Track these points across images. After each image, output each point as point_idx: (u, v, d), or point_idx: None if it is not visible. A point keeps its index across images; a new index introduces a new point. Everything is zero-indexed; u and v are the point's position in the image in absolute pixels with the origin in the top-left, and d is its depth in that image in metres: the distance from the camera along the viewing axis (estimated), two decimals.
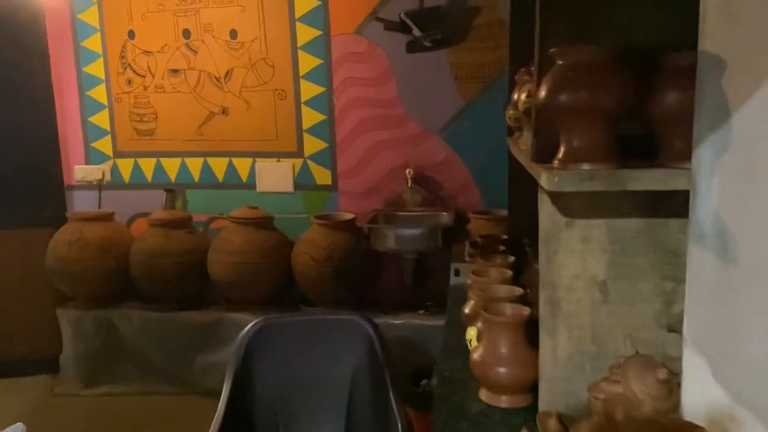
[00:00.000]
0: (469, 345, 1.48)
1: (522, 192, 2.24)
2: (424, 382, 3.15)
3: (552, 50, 1.05)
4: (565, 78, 1.01)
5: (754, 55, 0.74)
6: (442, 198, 3.53)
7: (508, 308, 1.37)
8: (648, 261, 1.14)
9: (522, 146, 1.50)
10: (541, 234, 1.16)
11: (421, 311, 3.37)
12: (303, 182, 3.74)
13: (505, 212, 3.28)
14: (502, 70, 3.41)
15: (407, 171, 3.48)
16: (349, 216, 3.48)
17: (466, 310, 1.63)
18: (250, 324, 2.32)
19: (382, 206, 3.56)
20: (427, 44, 3.41)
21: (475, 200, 3.52)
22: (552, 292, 1.17)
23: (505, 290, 1.50)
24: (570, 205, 1.13)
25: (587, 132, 1.02)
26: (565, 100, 1.01)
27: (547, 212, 1.15)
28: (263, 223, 3.51)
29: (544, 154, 1.14)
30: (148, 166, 3.94)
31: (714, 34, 0.84)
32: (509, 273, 1.62)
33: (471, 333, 1.47)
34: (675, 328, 1.12)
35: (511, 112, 1.94)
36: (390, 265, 3.54)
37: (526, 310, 1.33)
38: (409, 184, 3.49)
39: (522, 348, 1.30)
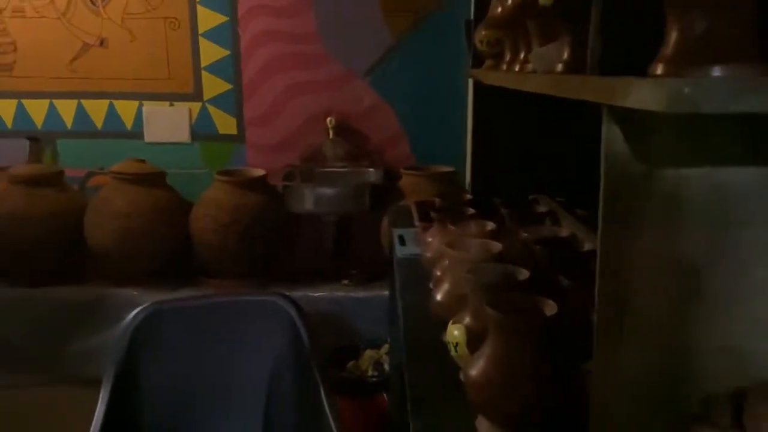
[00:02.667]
0: (452, 350, 1.04)
1: (488, 142, 1.85)
2: (351, 364, 2.73)
3: None
4: None
5: None
6: (368, 152, 3.06)
7: (522, 301, 0.94)
8: (766, 234, 0.74)
9: (530, 66, 1.05)
10: (605, 195, 0.73)
11: (345, 281, 2.93)
12: (202, 131, 3.14)
13: (441, 168, 2.90)
14: (436, 3, 2.97)
15: (328, 120, 2.98)
16: (259, 172, 2.95)
17: (438, 297, 1.19)
18: (134, 311, 1.78)
19: (298, 161, 3.05)
20: None
21: (404, 155, 3.08)
22: (618, 286, 0.74)
23: (500, 271, 1.06)
24: (657, 145, 0.71)
25: (722, 9, 0.58)
26: None
27: (617, 159, 0.71)
28: (153, 179, 2.91)
29: (614, 61, 0.71)
30: (6, 109, 3.18)
31: None
32: (498, 246, 1.19)
33: (455, 333, 1.03)
34: None
35: (484, 33, 1.50)
36: (308, 230, 3.06)
37: (551, 306, 0.90)
38: (331, 136, 2.99)
39: (546, 363, 0.88)
